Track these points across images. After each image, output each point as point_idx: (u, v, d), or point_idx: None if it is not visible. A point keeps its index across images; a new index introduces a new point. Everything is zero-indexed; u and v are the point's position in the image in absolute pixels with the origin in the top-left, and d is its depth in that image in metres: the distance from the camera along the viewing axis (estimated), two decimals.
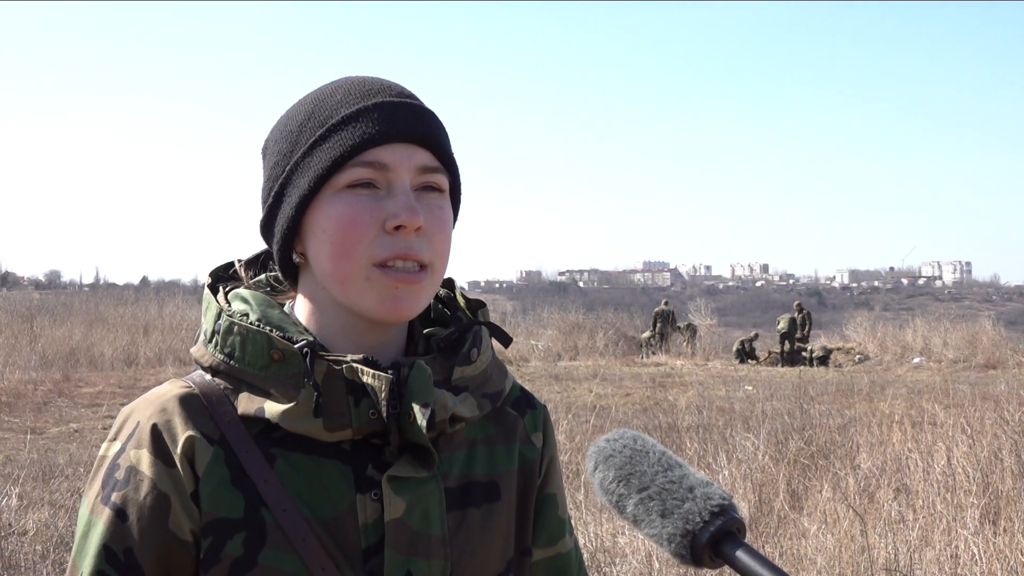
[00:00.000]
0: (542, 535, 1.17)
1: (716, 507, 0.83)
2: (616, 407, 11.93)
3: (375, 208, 1.01)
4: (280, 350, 1.00)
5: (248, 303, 1.06)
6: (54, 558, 5.22)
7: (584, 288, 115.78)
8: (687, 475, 0.86)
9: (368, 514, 1.01)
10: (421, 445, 1.02)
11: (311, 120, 1.04)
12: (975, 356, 20.47)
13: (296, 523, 0.98)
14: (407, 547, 1.01)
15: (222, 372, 1.03)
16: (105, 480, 1.00)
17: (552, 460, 1.19)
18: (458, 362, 1.08)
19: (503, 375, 1.14)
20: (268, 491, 0.98)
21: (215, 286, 1.11)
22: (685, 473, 0.86)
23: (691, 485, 0.85)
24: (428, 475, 1.03)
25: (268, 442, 1.01)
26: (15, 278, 72.55)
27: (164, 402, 1.02)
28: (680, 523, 0.83)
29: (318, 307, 1.07)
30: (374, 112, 1.02)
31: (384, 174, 1.02)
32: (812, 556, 4.92)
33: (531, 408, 1.19)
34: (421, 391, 1.01)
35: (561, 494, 1.21)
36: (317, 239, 1.03)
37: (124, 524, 0.97)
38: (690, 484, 0.85)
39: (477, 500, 1.09)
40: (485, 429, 1.13)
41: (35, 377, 15.45)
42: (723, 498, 0.83)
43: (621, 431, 0.92)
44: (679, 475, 0.86)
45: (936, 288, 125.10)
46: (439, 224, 1.04)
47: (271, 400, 1.00)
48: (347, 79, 1.08)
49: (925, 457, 6.38)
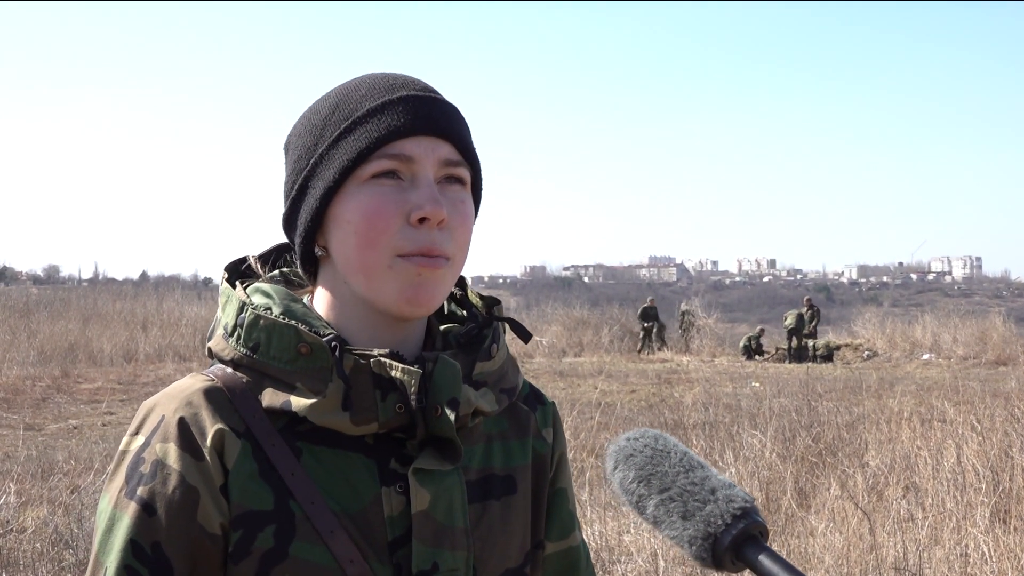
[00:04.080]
0: (554, 529, 1.19)
1: (738, 510, 0.82)
2: (621, 404, 11.89)
3: (400, 199, 1.02)
4: (308, 343, 1.01)
5: (270, 297, 1.06)
6: (52, 555, 5.18)
7: (589, 283, 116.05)
8: (709, 476, 0.85)
9: (394, 507, 1.02)
10: (443, 438, 1.03)
11: (336, 114, 1.05)
12: (985, 352, 20.44)
13: (325, 515, 0.99)
14: (433, 539, 1.02)
15: (244, 366, 1.03)
16: (129, 474, 0.99)
17: (562, 455, 1.22)
18: (479, 357, 1.09)
19: (516, 371, 1.16)
20: (296, 484, 0.99)
21: (232, 280, 1.11)
22: (707, 474, 0.85)
23: (713, 487, 0.84)
24: (452, 468, 1.04)
25: (293, 436, 1.02)
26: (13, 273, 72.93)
27: (189, 395, 1.02)
28: (702, 526, 0.82)
29: (338, 301, 1.08)
30: (399, 105, 1.03)
31: (409, 166, 1.02)
32: (820, 555, 4.89)
33: (541, 404, 1.21)
34: (449, 386, 1.02)
35: (571, 489, 1.23)
36: (341, 230, 1.03)
37: (151, 518, 0.97)
38: (712, 486, 0.84)
39: (496, 493, 1.10)
40: (500, 424, 1.15)
41: (33, 373, 15.48)
42: (746, 501, 0.82)
43: (642, 430, 0.91)
44: (701, 476, 0.85)
45: (946, 283, 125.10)
46: (461, 218, 1.05)
47: (296, 394, 1.00)
48: (370, 75, 1.09)
49: (934, 455, 6.33)
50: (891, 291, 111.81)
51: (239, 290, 1.08)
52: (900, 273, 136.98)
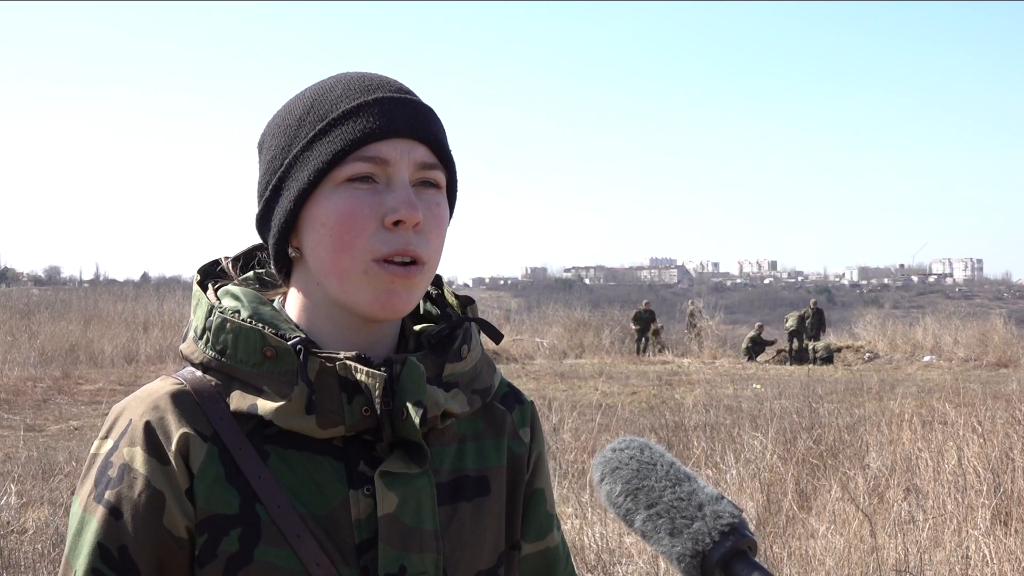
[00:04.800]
0: (531, 529, 1.18)
1: (726, 526, 0.81)
2: (622, 405, 11.87)
3: (375, 203, 1.01)
4: (273, 347, 1.01)
5: (239, 300, 1.06)
6: (53, 556, 5.19)
7: (590, 285, 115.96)
8: (696, 490, 0.84)
9: (361, 509, 1.01)
10: (413, 441, 1.02)
11: (310, 114, 1.04)
12: (986, 354, 20.45)
13: (291, 519, 0.98)
14: (400, 541, 1.02)
15: (213, 369, 1.03)
16: (98, 478, 1.00)
17: (540, 456, 1.21)
18: (449, 359, 1.08)
19: (492, 371, 1.15)
20: (262, 487, 0.99)
21: (204, 283, 1.11)
22: (694, 488, 0.84)
23: (700, 502, 0.83)
24: (420, 470, 1.03)
25: (261, 439, 1.01)
26: (14, 274, 72.92)
27: (156, 399, 1.02)
28: (689, 543, 0.81)
29: (311, 303, 1.07)
30: (375, 107, 1.03)
31: (384, 169, 1.02)
32: (821, 557, 4.89)
33: (519, 404, 1.20)
34: (414, 388, 1.02)
35: (549, 489, 1.21)
36: (316, 232, 1.02)
37: (118, 522, 0.97)
38: (699, 501, 0.83)
39: (468, 494, 1.10)
40: (475, 424, 1.14)
41: (34, 374, 15.48)
42: (733, 516, 0.82)
43: (628, 439, 0.90)
44: (688, 491, 0.84)
45: (947, 285, 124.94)
46: (436, 221, 1.05)
47: (263, 397, 1.00)
48: (345, 74, 1.08)
49: (935, 457, 6.33)
50: (892, 293, 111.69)
51: (209, 293, 1.08)
52: (901, 275, 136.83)
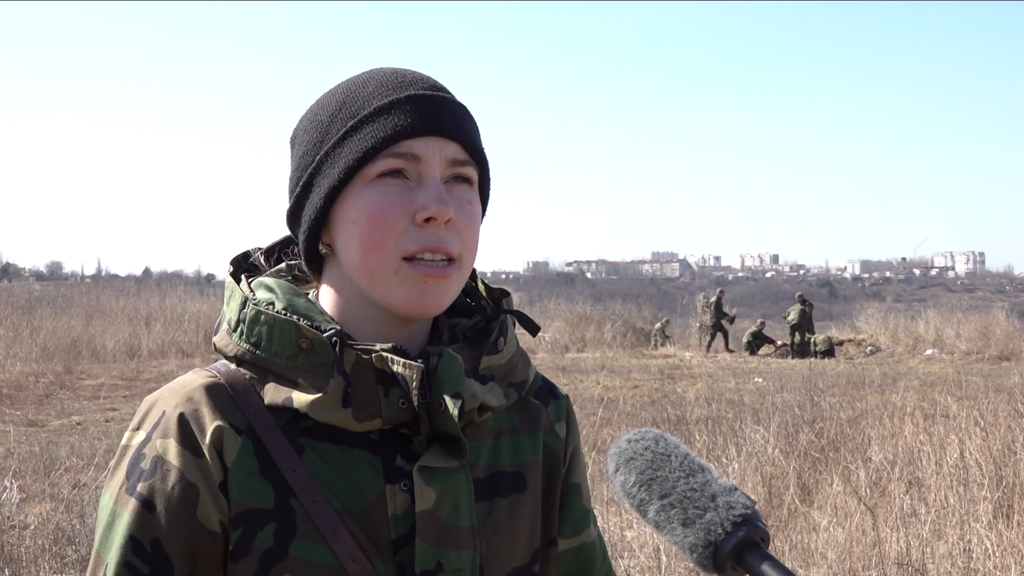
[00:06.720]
0: (568, 525, 1.17)
1: (739, 517, 0.82)
2: (624, 399, 11.86)
3: (405, 200, 1.00)
4: (308, 339, 0.99)
5: (273, 292, 1.05)
6: (55, 552, 5.19)
7: (592, 279, 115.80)
8: (710, 481, 0.85)
9: (398, 505, 1.00)
10: (450, 435, 1.01)
11: (343, 110, 1.04)
12: (988, 348, 20.40)
13: (326, 514, 0.98)
14: (438, 538, 1.01)
15: (247, 362, 1.02)
16: (130, 470, 0.99)
17: (576, 450, 1.20)
18: (486, 351, 1.07)
19: (527, 364, 1.14)
20: (297, 482, 0.98)
21: (237, 275, 1.10)
22: (708, 479, 0.85)
23: (714, 493, 0.84)
24: (457, 465, 1.02)
25: (296, 432, 1.00)
26: (16, 269, 72.99)
27: (191, 391, 1.01)
28: (702, 533, 0.82)
29: (343, 298, 1.06)
30: (407, 104, 1.02)
31: (415, 165, 1.01)
32: (823, 550, 4.88)
33: (554, 398, 1.19)
34: (451, 380, 1.01)
35: (585, 484, 1.21)
36: (346, 230, 1.02)
37: (151, 515, 0.96)
38: (713, 492, 0.84)
39: (504, 490, 1.09)
40: (510, 419, 1.13)
41: (36, 369, 15.49)
42: (746, 507, 0.82)
43: (643, 431, 0.91)
44: (701, 481, 0.85)
45: (949, 279, 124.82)
46: (468, 218, 1.04)
47: (299, 390, 0.99)
48: (378, 70, 1.07)
49: (937, 450, 6.32)
50: (894, 286, 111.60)
51: (243, 285, 1.06)
52: (903, 268, 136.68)
